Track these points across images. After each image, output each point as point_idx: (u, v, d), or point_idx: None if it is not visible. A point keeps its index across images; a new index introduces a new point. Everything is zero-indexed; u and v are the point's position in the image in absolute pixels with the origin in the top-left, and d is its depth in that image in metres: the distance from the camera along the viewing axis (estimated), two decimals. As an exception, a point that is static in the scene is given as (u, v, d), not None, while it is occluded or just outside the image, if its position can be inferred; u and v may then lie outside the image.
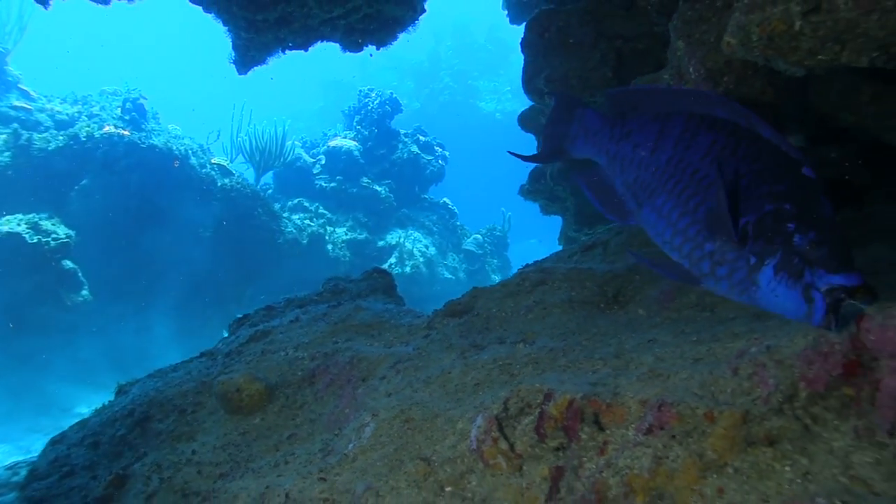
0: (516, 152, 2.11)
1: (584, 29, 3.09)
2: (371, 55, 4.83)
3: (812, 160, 1.36)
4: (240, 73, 4.40)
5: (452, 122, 29.39)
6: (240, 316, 3.49)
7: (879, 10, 1.29)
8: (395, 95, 12.09)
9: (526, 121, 4.49)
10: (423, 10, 4.37)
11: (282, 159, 10.97)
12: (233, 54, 4.21)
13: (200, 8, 3.88)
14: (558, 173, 4.84)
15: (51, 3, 3.43)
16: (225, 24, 3.93)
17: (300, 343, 2.66)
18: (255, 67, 4.35)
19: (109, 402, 2.81)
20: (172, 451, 2.18)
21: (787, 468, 1.18)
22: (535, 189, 5.10)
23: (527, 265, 2.79)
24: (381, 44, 4.43)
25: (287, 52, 4.28)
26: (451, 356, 2.08)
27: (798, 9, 1.43)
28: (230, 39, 4.11)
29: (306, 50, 4.32)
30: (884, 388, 1.10)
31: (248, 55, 4.16)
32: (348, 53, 4.52)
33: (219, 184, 9.59)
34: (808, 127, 2.48)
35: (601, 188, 1.90)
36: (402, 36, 4.52)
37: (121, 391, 2.89)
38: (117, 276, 9.04)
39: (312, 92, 34.66)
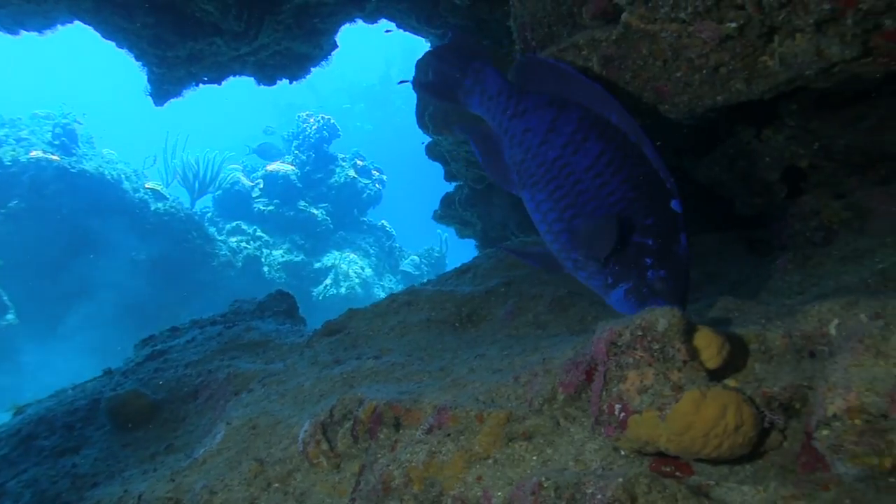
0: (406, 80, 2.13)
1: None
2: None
3: (681, 192, 1.48)
4: (156, 105, 4.57)
5: (405, 144, 29.64)
6: (145, 337, 3.64)
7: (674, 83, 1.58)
8: (333, 121, 12.33)
9: (431, 150, 4.77)
10: (335, 46, 4.61)
11: (216, 184, 11.07)
12: (148, 87, 4.37)
13: (114, 43, 4.05)
14: (466, 200, 5.12)
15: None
16: (137, 59, 4.10)
17: (190, 361, 2.84)
18: (172, 100, 4.53)
19: (2, 423, 2.92)
20: (53, 466, 2.33)
21: (535, 457, 1.44)
22: (446, 214, 5.36)
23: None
24: (293, 78, 4.65)
25: (202, 85, 4.47)
26: (314, 371, 2.30)
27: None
28: (145, 73, 4.27)
29: (220, 84, 4.52)
30: (593, 388, 1.37)
31: (162, 88, 4.33)
32: (262, 86, 4.72)
33: (152, 208, 9.61)
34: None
35: (489, 146, 1.88)
36: (314, 70, 4.75)
37: (18, 412, 3.01)
38: (46, 301, 8.97)
39: (267, 115, 34.61)
